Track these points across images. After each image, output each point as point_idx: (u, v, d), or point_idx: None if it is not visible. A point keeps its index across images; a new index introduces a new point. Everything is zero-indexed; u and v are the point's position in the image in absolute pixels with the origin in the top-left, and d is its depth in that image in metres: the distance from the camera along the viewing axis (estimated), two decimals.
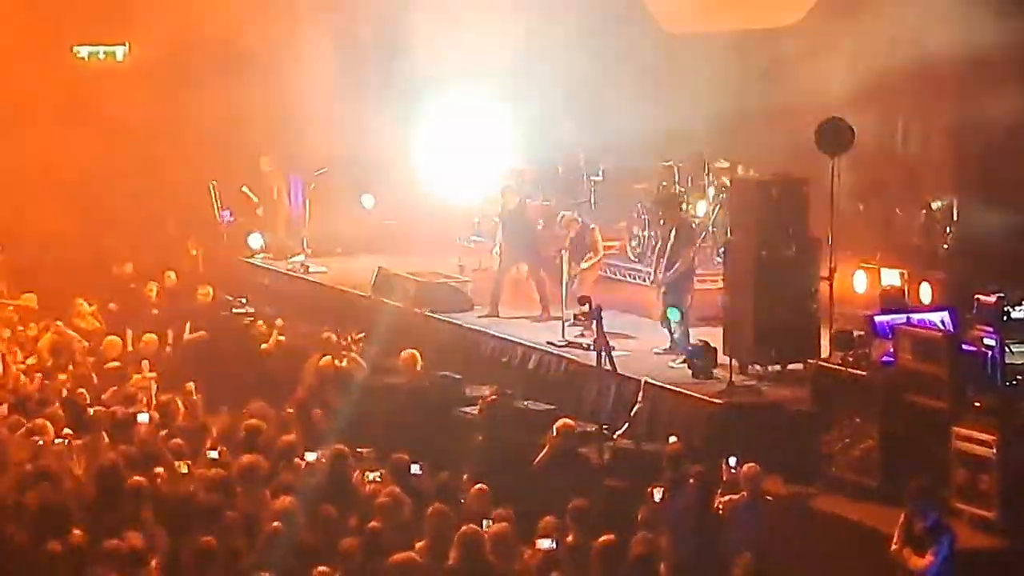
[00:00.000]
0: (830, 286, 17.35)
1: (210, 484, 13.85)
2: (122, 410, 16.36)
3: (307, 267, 24.66)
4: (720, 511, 14.29)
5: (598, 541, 12.49)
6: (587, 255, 20.85)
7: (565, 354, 18.66)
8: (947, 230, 19.53)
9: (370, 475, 14.67)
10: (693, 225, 20.13)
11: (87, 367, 19.43)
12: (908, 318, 15.58)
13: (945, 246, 19.54)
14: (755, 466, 14.26)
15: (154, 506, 13.32)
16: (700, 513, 14.26)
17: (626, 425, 16.66)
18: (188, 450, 15.13)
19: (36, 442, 15.14)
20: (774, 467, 14.81)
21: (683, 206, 20.10)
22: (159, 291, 23.27)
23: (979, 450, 13.74)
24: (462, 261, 23.75)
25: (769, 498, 14.49)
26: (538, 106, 24.10)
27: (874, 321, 15.67)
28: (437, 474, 14.77)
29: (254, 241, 26.00)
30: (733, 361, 17.19)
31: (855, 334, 15.69)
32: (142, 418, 15.87)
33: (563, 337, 19.02)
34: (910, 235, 20.51)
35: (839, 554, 14.14)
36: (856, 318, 16.70)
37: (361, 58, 26.55)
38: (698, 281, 19.17)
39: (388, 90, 25.94)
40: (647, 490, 14.32)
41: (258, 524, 12.98)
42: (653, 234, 21.26)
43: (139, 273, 24.61)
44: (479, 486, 14.23)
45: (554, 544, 12.58)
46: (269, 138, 26.58)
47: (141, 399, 17.21)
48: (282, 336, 20.63)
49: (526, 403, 17.53)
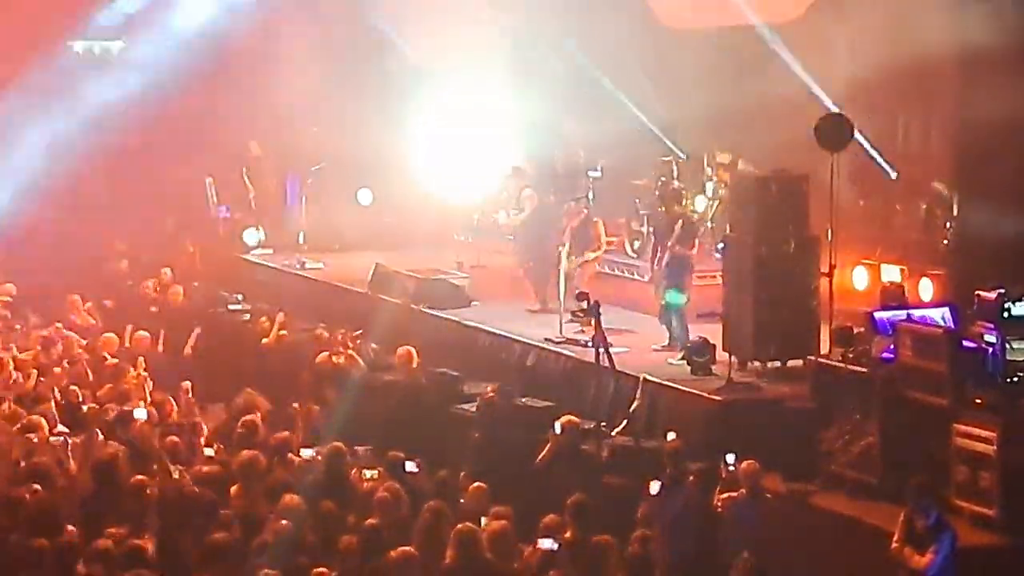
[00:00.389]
0: (830, 282, 17.28)
1: (206, 481, 13.80)
2: (117, 407, 16.30)
3: (304, 263, 24.61)
4: (719, 508, 14.25)
5: (596, 539, 12.44)
6: (590, 247, 20.77)
7: (563, 351, 18.61)
8: (947, 226, 19.46)
9: (367, 473, 14.62)
10: (692, 221, 20.06)
11: (82, 364, 19.36)
12: (908, 314, 15.56)
13: (945, 242, 19.47)
14: (754, 463, 14.23)
15: (150, 503, 13.26)
16: (699, 511, 14.22)
17: (625, 422, 16.61)
18: (184, 447, 15.08)
19: (31, 439, 15.08)
20: (774, 464, 14.77)
21: (682, 202, 20.02)
22: (156, 288, 23.21)
23: (979, 447, 13.70)
24: (460, 257, 23.71)
25: (768, 495, 14.45)
26: (537, 102, 24.02)
27: (874, 318, 15.64)
28: (435, 472, 14.72)
29: (250, 237, 25.94)
30: (732, 358, 17.15)
31: (855, 330, 15.67)
32: (138, 414, 15.82)
33: (561, 334, 18.96)
34: (910, 231, 20.45)
35: (839, 552, 14.09)
36: (856, 314, 16.67)
37: (359, 54, 26.46)
38: (697, 277, 19.14)
39: (386, 87, 25.87)
40: (645, 486, 14.27)
41: (256, 521, 12.94)
42: (652, 230, 21.18)
43: (135, 270, 24.55)
44: (477, 484, 14.18)
45: (555, 546, 12.50)
46: (268, 135, 26.52)
47: (136, 396, 17.13)
48: (283, 331, 20.57)
49: (524, 400, 17.48)
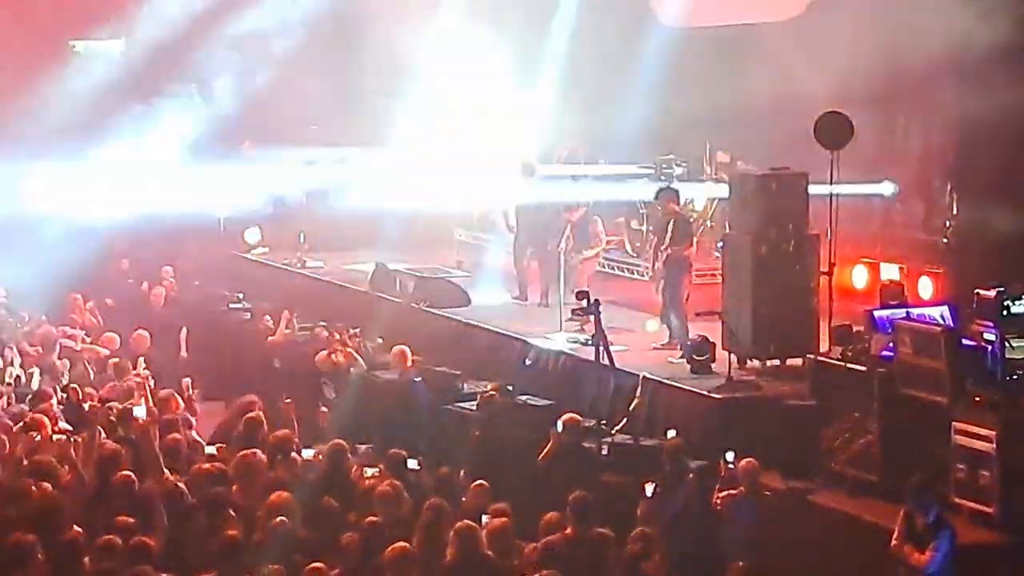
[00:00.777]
0: (829, 281, 17.30)
1: (209, 479, 13.82)
2: (119, 405, 16.32)
3: (304, 262, 24.61)
4: (719, 507, 14.27)
5: (595, 533, 12.46)
6: (589, 244, 20.75)
7: (564, 349, 18.61)
8: (947, 225, 19.49)
9: (368, 471, 14.65)
10: (691, 220, 20.06)
11: (84, 362, 19.38)
12: (908, 313, 15.55)
13: (945, 241, 19.50)
14: (753, 461, 14.25)
15: (153, 501, 13.28)
16: (699, 509, 14.24)
17: (624, 420, 16.62)
18: (186, 445, 15.10)
19: (33, 437, 15.10)
20: (773, 462, 14.79)
21: (682, 200, 20.02)
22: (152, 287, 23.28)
23: (979, 445, 13.72)
24: (460, 256, 23.70)
25: (768, 493, 14.47)
26: (537, 101, 24.02)
27: (873, 316, 15.63)
28: (435, 470, 14.74)
29: (251, 236, 25.93)
30: (732, 356, 17.14)
31: (855, 329, 15.67)
32: (139, 412, 15.84)
33: (561, 332, 18.97)
34: (910, 230, 20.47)
35: (839, 550, 14.12)
36: (855, 313, 16.67)
37: (357, 50, 26.46)
38: (697, 276, 19.14)
39: (384, 84, 25.86)
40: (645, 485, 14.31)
41: (257, 518, 12.96)
42: (651, 229, 21.20)
43: (136, 269, 24.54)
44: (478, 482, 14.21)
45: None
46: (266, 132, 26.51)
47: (138, 394, 17.15)
48: (288, 329, 20.58)
49: (524, 399, 17.49)
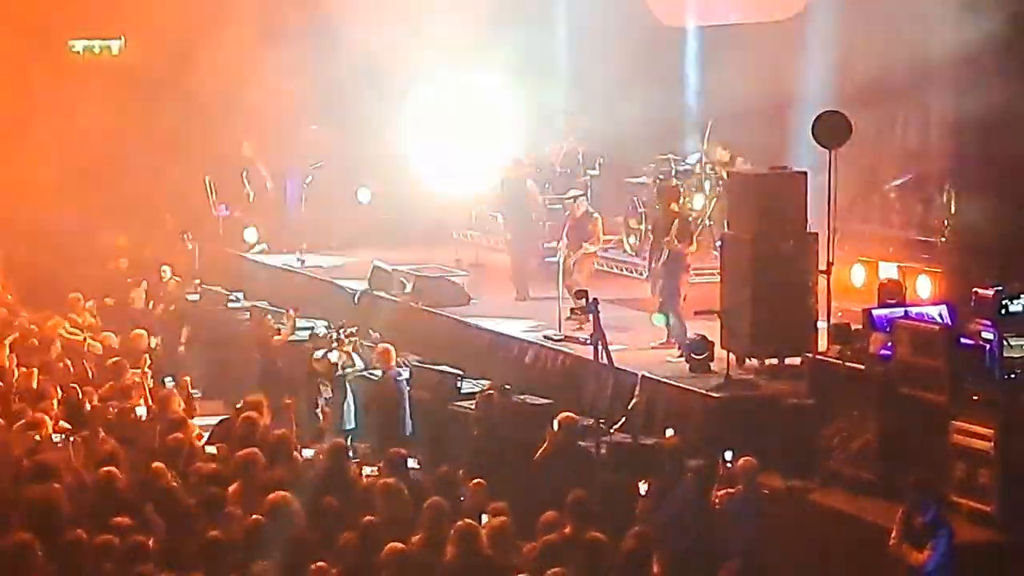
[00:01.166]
0: (828, 280, 17.30)
1: (208, 478, 13.84)
2: (119, 405, 16.34)
3: (303, 261, 24.64)
4: (717, 505, 14.29)
5: (592, 536, 12.48)
6: (587, 241, 20.80)
7: (562, 348, 18.64)
8: (945, 224, 19.50)
9: (367, 469, 14.67)
10: (690, 218, 20.08)
11: (83, 362, 19.40)
12: (906, 312, 15.54)
13: (943, 240, 19.51)
14: (751, 460, 14.27)
15: (153, 500, 13.30)
16: (697, 507, 14.25)
17: (623, 419, 16.64)
18: (185, 443, 15.12)
19: (33, 436, 15.12)
20: (772, 461, 14.80)
21: (680, 199, 20.04)
22: (150, 287, 23.30)
23: (977, 444, 13.72)
24: (459, 255, 23.73)
25: (766, 492, 14.48)
26: (535, 100, 24.04)
27: (872, 315, 15.63)
28: (435, 469, 14.75)
29: (250, 235, 25.97)
30: (730, 355, 17.15)
31: (853, 328, 15.67)
32: (140, 411, 15.86)
33: (560, 331, 19.00)
34: (908, 229, 20.49)
35: (837, 549, 14.13)
36: (854, 312, 16.68)
37: (356, 49, 26.47)
38: (695, 274, 19.14)
39: (383, 83, 25.87)
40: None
41: (257, 518, 12.98)
42: (650, 228, 21.21)
43: (135, 268, 24.58)
44: (477, 481, 14.23)
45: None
46: (265, 131, 26.55)
47: (137, 394, 17.17)
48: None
49: (523, 397, 17.51)
